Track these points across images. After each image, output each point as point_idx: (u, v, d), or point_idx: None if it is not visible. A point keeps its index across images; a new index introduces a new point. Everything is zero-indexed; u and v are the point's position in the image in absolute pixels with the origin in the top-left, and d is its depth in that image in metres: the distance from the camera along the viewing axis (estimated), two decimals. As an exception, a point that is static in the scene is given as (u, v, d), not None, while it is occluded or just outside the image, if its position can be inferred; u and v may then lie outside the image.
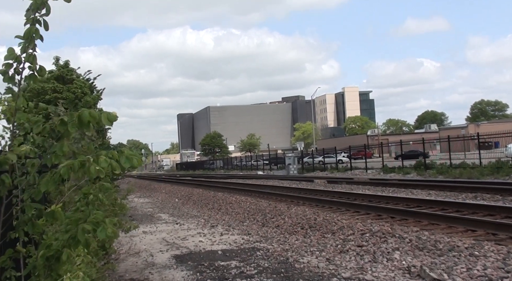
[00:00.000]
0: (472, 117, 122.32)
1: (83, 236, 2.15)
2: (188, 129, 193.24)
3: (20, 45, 2.27)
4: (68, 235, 2.18)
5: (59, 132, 2.24)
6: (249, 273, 6.23)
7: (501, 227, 7.69)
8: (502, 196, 13.04)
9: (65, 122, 2.20)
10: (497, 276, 5.30)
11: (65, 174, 2.09)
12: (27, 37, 2.25)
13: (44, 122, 2.33)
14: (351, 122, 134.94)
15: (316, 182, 25.13)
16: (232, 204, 15.40)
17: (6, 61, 2.29)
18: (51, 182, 2.16)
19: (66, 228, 2.21)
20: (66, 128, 2.20)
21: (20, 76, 2.32)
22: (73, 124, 2.17)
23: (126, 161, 2.16)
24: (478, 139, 27.40)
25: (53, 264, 2.22)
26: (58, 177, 2.13)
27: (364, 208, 11.49)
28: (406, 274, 5.78)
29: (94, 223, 2.18)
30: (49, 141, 2.30)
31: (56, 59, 21.56)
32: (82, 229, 2.15)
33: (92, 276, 3.37)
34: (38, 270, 2.24)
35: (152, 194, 27.39)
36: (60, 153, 2.20)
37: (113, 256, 6.90)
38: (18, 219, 2.34)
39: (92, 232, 2.17)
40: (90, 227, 2.16)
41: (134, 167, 2.38)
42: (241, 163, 66.09)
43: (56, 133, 2.26)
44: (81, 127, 2.16)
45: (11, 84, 2.33)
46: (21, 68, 2.31)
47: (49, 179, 2.17)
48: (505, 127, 37.18)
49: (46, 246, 2.22)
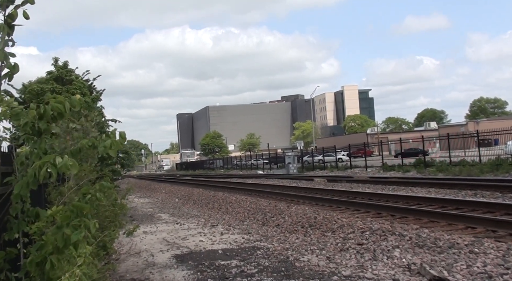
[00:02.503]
0: (471, 115, 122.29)
1: (62, 240, 2.13)
2: (188, 129, 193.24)
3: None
4: (54, 238, 2.17)
5: (40, 128, 2.21)
6: (250, 272, 6.24)
7: (501, 224, 7.70)
8: (501, 193, 13.05)
9: (41, 115, 2.16)
10: (497, 272, 5.31)
11: (31, 177, 2.07)
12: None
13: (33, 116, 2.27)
14: (350, 120, 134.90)
15: (316, 181, 25.14)
16: (232, 204, 15.41)
17: None
18: (24, 186, 2.12)
19: (53, 231, 2.20)
20: (47, 123, 2.17)
21: (0, 73, 2.29)
22: (47, 117, 2.15)
23: (104, 149, 2.15)
24: (477, 136, 27.40)
25: (43, 268, 2.21)
26: (26, 181, 2.10)
27: (364, 206, 11.50)
28: (406, 271, 5.79)
29: (75, 227, 2.16)
30: (31, 137, 2.25)
31: (55, 60, 21.52)
32: (62, 234, 2.14)
33: (93, 277, 3.37)
34: (33, 273, 2.23)
35: (152, 194, 27.39)
36: (39, 150, 2.17)
37: (113, 256, 6.91)
38: (6, 220, 2.33)
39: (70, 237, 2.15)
40: (69, 231, 2.15)
41: (128, 155, 2.36)
42: (241, 163, 66.08)
43: (37, 129, 2.22)
44: (55, 119, 2.13)
45: None
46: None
47: (21, 183, 2.13)
48: (504, 124, 37.19)
49: (37, 249, 2.20)
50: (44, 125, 2.19)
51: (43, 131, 2.21)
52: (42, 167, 2.05)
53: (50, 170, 2.04)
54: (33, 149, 2.20)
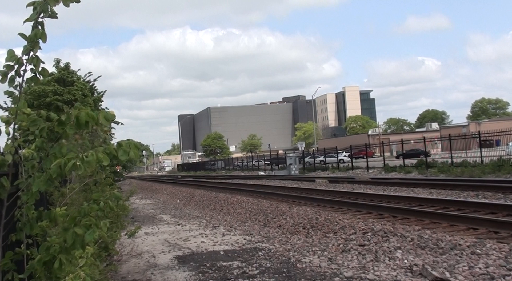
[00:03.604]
0: (473, 116, 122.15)
1: (71, 239, 2.14)
2: (189, 130, 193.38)
3: (25, 47, 2.26)
4: (62, 238, 2.18)
5: (58, 133, 2.23)
6: (251, 273, 6.24)
7: (503, 225, 7.69)
8: (503, 194, 13.03)
9: (63, 122, 2.19)
10: (499, 274, 5.30)
11: (54, 173, 2.09)
12: (32, 40, 2.24)
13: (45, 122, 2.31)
14: (352, 121, 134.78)
15: (318, 182, 25.13)
16: (234, 205, 15.41)
17: (7, 63, 2.28)
18: (42, 182, 2.15)
19: (62, 231, 2.21)
20: (64, 128, 2.19)
21: (22, 78, 2.31)
22: (71, 125, 2.17)
23: (123, 153, 2.15)
24: (479, 137, 27.37)
25: (51, 268, 2.22)
26: (48, 176, 2.12)
27: (366, 208, 11.49)
28: (408, 273, 5.78)
29: (87, 226, 2.17)
30: (48, 143, 2.29)
31: (57, 62, 21.58)
32: (72, 233, 2.14)
33: (95, 278, 3.38)
34: (38, 273, 2.24)
35: (153, 195, 27.40)
36: (59, 154, 2.18)
37: (115, 257, 6.92)
38: (17, 221, 2.35)
39: (81, 237, 2.16)
40: (81, 231, 2.16)
41: (131, 160, 2.39)
42: (243, 164, 66.08)
43: (54, 134, 2.25)
44: (79, 127, 2.15)
45: (11, 87, 2.32)
46: (23, 70, 2.30)
47: (41, 179, 2.16)
48: (506, 125, 37.18)
49: (45, 248, 2.22)
50: (61, 130, 2.21)
51: (60, 136, 2.24)
52: (67, 162, 2.08)
53: (79, 163, 2.07)
54: (49, 152, 2.24)
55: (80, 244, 2.17)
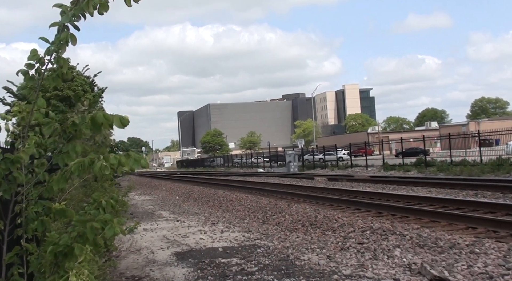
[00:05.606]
0: (472, 115, 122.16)
1: (92, 234, 2.17)
2: (189, 127, 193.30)
3: (52, 45, 2.27)
4: (76, 233, 2.19)
5: (71, 133, 2.26)
6: (250, 270, 6.24)
7: (502, 225, 7.70)
8: (503, 193, 13.04)
9: (76, 124, 2.21)
10: (498, 273, 5.30)
11: (76, 171, 2.12)
12: (57, 42, 2.26)
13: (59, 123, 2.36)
14: (351, 119, 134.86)
15: (317, 180, 25.14)
16: (233, 202, 15.41)
17: (29, 61, 2.31)
18: (62, 180, 2.19)
19: (73, 228, 2.23)
20: (77, 129, 2.22)
21: (42, 77, 2.34)
22: (86, 125, 2.18)
23: (135, 163, 2.18)
24: (478, 136, 27.39)
25: (60, 261, 2.23)
26: (69, 175, 2.16)
27: (365, 206, 11.49)
28: (406, 271, 5.79)
29: (103, 222, 2.20)
30: (60, 141, 2.31)
31: (57, 57, 21.53)
32: (91, 227, 2.16)
33: (94, 273, 3.37)
34: (44, 267, 2.25)
35: (152, 191, 27.40)
36: (73, 153, 2.23)
37: (114, 253, 6.92)
38: (25, 216, 2.36)
39: (100, 230, 2.20)
40: (99, 225, 2.18)
41: (143, 168, 2.43)
42: (242, 161, 66.09)
43: (67, 134, 2.28)
44: (94, 129, 2.16)
45: (30, 85, 2.36)
46: (43, 70, 2.33)
47: (60, 177, 2.20)
48: (505, 124, 37.17)
49: (55, 242, 2.23)
50: (74, 131, 2.25)
51: (73, 136, 2.28)
52: (91, 163, 2.11)
53: (106, 163, 2.10)
54: (62, 150, 2.28)
55: (92, 240, 2.22)
